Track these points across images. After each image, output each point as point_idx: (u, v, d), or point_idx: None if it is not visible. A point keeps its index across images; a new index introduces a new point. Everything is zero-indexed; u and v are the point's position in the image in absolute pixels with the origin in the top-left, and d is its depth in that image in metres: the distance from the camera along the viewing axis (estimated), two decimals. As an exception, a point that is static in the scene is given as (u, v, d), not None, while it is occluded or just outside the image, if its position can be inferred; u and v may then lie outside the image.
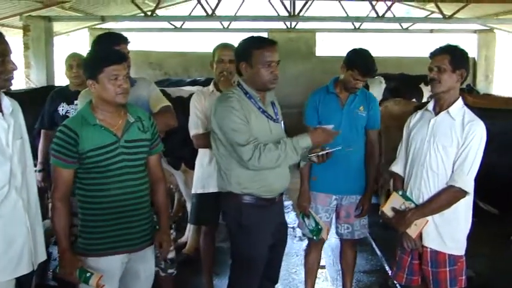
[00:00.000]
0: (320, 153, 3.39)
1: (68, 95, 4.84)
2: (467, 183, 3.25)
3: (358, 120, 4.12)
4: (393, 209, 3.45)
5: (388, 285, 4.93)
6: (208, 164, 4.21)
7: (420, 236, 3.37)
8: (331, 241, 4.76)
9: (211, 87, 4.26)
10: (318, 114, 4.10)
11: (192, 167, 4.70)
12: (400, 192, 3.46)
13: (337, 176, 4.01)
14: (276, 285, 3.74)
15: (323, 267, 5.32)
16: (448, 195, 3.30)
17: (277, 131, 3.45)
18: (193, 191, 4.43)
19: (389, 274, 5.02)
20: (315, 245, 4.29)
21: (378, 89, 8.73)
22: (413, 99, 8.38)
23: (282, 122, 3.58)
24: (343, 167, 3.96)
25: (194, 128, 4.13)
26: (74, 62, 4.95)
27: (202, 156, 4.29)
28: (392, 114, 6.40)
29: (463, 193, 3.28)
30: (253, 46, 3.34)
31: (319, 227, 4.04)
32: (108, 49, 3.35)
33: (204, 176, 4.25)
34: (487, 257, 5.50)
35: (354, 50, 4.07)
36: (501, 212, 5.91)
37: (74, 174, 3.04)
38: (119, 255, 3.10)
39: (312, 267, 4.38)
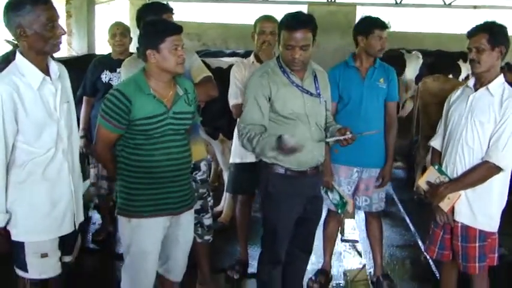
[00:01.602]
0: (339, 138, 3.37)
1: (110, 63, 4.95)
2: (502, 159, 3.26)
3: (379, 93, 4.17)
4: (428, 182, 3.50)
5: (421, 261, 4.96)
6: None
7: (453, 210, 3.40)
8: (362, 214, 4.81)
9: (251, 58, 4.31)
10: (338, 89, 4.13)
11: (230, 137, 4.78)
12: (436, 167, 3.50)
13: (358, 149, 3.99)
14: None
15: (356, 241, 5.39)
16: (482, 171, 3.31)
17: (314, 105, 3.47)
18: (231, 161, 4.51)
19: (422, 249, 5.06)
20: (334, 214, 4.37)
21: (414, 65, 8.63)
22: (451, 75, 8.29)
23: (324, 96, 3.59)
24: (364, 139, 3.98)
25: (234, 98, 4.18)
26: (118, 30, 5.03)
27: (241, 126, 4.36)
28: (431, 91, 6.35)
29: (497, 169, 3.28)
30: (282, 27, 3.38)
31: (344, 201, 4.08)
32: (166, 20, 3.44)
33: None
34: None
35: (361, 18, 4.23)
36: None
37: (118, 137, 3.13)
38: (160, 219, 3.19)
39: (330, 236, 4.49)
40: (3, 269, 3.16)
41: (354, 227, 5.66)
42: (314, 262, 4.07)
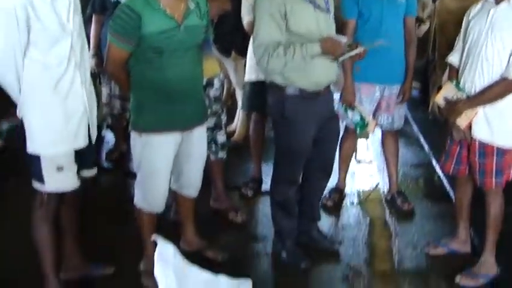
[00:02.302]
0: (351, 54, 3.30)
1: (119, -21, 4.81)
2: None
3: (399, 8, 4.08)
4: (445, 99, 3.43)
5: (434, 180, 4.96)
6: None
7: (470, 126, 3.35)
8: (379, 136, 4.79)
9: None
10: (358, 5, 4.02)
11: (243, 55, 4.70)
12: (454, 83, 3.43)
13: (380, 65, 3.98)
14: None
15: (369, 162, 5.39)
16: (500, 87, 3.23)
17: (326, 22, 3.37)
18: (246, 79, 4.46)
19: (436, 169, 5.05)
20: (351, 133, 4.34)
21: (431, -19, 8.39)
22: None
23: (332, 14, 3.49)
24: (384, 56, 3.92)
25: (247, 15, 4.08)
26: None
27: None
28: (449, 9, 6.15)
29: None
30: None
31: (365, 121, 4.03)
32: None
33: (257, 64, 4.26)
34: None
35: None
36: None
37: (129, 54, 3.08)
38: (172, 135, 3.18)
39: (346, 155, 4.50)
40: (21, 180, 3.20)
41: (368, 147, 5.65)
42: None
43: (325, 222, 4.10)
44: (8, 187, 4.54)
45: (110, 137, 5.65)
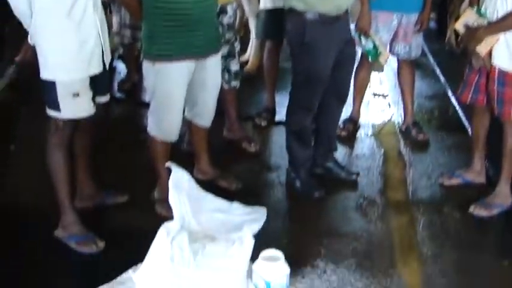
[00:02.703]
0: None
1: None
2: None
3: None
4: (466, 25, 3.34)
5: (449, 111, 4.90)
6: None
7: (490, 54, 3.26)
8: (393, 67, 4.71)
9: None
10: None
11: (256, -18, 4.59)
12: (475, 9, 3.32)
13: None
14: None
15: (384, 95, 5.31)
16: None
17: None
18: (261, 7, 4.37)
19: (452, 100, 4.98)
20: (366, 62, 4.26)
21: None
22: None
23: None
24: None
25: None
26: None
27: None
28: None
29: None
30: None
31: (378, 51, 3.94)
32: None
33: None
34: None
35: None
36: None
37: None
38: (185, 62, 3.13)
39: (361, 85, 4.45)
40: (32, 109, 3.18)
41: (383, 81, 5.56)
42: (343, 110, 4.03)
43: (339, 153, 4.07)
44: (20, 117, 4.54)
45: (121, 67, 5.59)
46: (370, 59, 4.06)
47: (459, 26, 3.38)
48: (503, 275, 2.96)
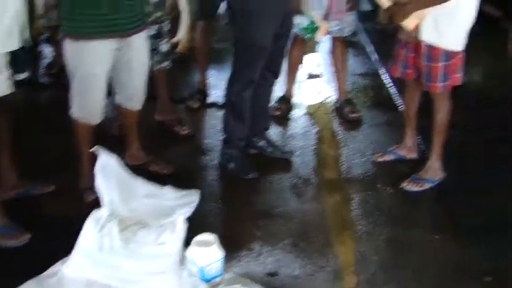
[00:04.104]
0: None
1: None
2: None
3: None
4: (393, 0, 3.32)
5: (383, 88, 4.94)
6: None
7: (417, 28, 3.27)
8: (325, 47, 4.70)
9: None
10: None
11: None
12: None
13: None
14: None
15: (318, 76, 5.30)
16: None
17: None
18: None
19: (384, 78, 5.02)
20: (300, 41, 4.25)
21: None
22: None
23: None
24: None
25: None
26: None
27: None
28: None
29: None
30: None
31: (315, 25, 3.91)
32: None
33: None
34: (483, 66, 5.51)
35: None
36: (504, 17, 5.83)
37: None
38: (108, 41, 3.03)
39: (294, 64, 4.44)
40: None
41: (317, 62, 5.54)
42: (276, 90, 3.99)
43: (273, 132, 4.06)
44: None
45: (48, 51, 5.39)
46: (307, 36, 4.03)
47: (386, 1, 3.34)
48: (436, 249, 2.99)
